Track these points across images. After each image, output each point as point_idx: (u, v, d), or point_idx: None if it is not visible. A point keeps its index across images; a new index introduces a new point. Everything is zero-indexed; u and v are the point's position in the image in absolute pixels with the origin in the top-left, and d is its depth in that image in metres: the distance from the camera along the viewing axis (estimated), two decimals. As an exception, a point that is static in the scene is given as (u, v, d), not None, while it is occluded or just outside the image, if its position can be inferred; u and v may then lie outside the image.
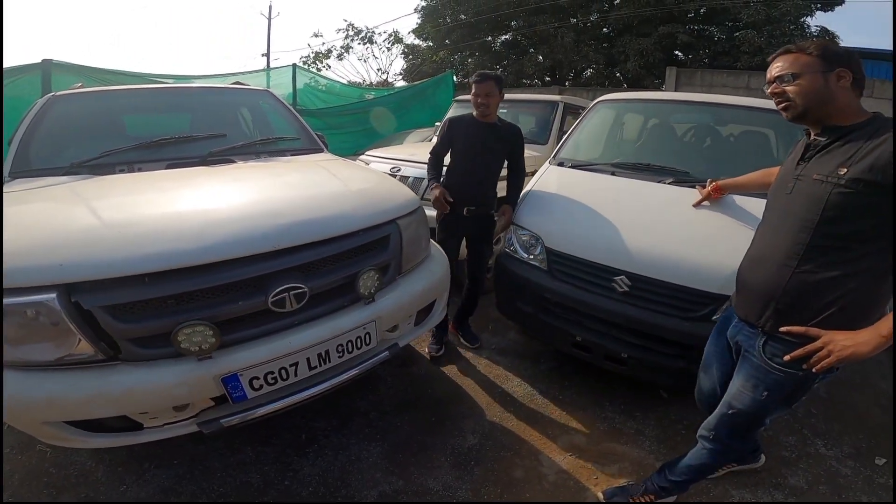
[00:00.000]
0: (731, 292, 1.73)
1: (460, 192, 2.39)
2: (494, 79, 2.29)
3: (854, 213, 1.10)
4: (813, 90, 1.17)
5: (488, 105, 2.28)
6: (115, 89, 2.71)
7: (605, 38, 14.10)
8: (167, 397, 1.33)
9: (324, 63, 16.64)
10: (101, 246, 1.28)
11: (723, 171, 2.27)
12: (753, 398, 1.29)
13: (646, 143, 3.02)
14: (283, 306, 1.43)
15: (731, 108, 2.70)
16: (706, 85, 9.44)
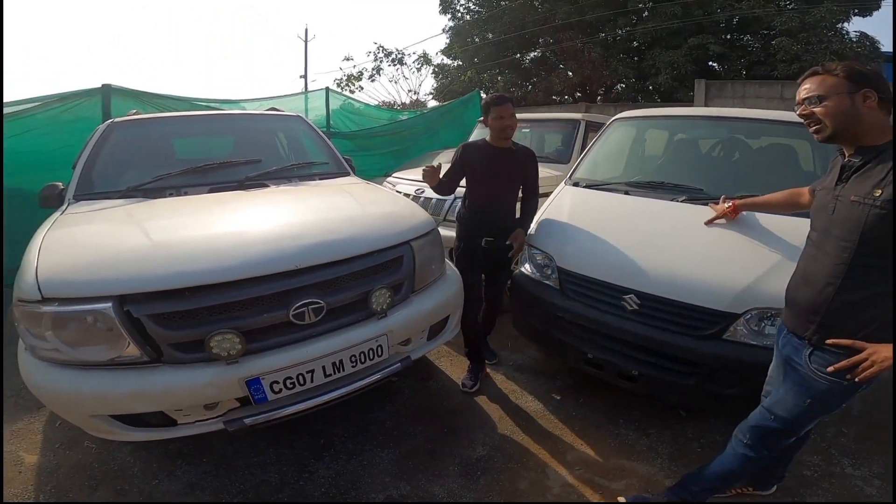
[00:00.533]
0: (740, 310, 1.79)
1: (478, 223, 2.35)
2: (511, 100, 2.29)
3: (891, 232, 1.14)
4: (840, 111, 1.21)
5: (513, 128, 2.25)
6: (167, 116, 3.04)
7: (635, 51, 14.03)
8: (199, 396, 1.51)
9: (356, 85, 17.22)
10: (150, 263, 1.50)
11: (738, 187, 2.29)
12: (796, 405, 1.34)
13: (660, 160, 3.05)
14: (302, 319, 1.59)
15: (748, 121, 2.69)
16: (738, 97, 9.23)
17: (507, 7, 14.63)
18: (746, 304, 1.78)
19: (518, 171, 2.35)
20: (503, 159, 2.31)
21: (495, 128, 2.24)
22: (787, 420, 1.37)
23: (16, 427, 2.23)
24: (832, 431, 2.17)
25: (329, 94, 6.99)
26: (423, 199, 3.37)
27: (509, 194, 2.39)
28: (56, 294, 1.40)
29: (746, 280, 1.82)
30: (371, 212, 2.04)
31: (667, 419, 2.26)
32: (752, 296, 1.78)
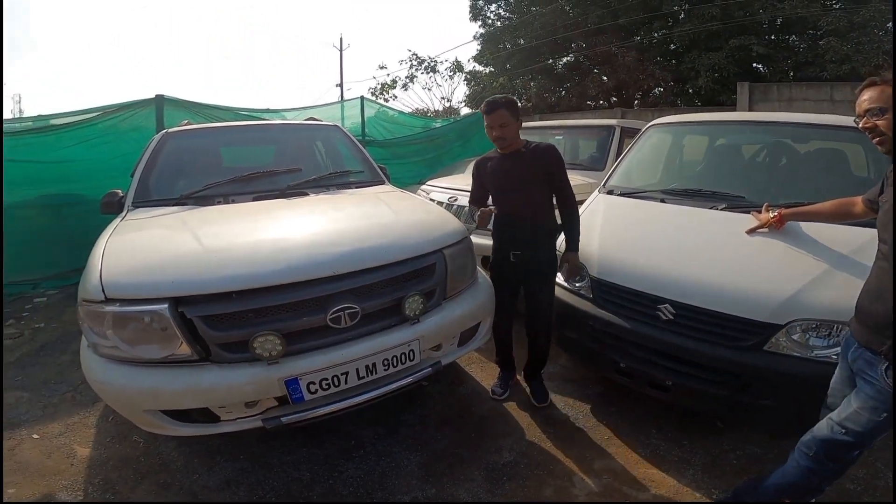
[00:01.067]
0: (783, 321, 1.74)
1: (504, 236, 2.26)
2: (506, 105, 2.08)
3: None
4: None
5: (504, 137, 2.10)
6: (215, 126, 3.24)
7: (672, 54, 13.69)
8: (242, 394, 1.59)
9: (390, 93, 17.54)
10: (202, 267, 1.60)
11: (783, 194, 2.22)
12: (871, 420, 1.31)
13: (699, 167, 2.99)
14: (339, 323, 1.66)
15: (790, 126, 2.61)
16: (784, 99, 8.82)
17: (537, 13, 14.58)
18: (789, 316, 1.73)
19: (527, 172, 2.13)
20: (510, 164, 2.17)
21: (489, 137, 2.15)
22: (860, 434, 1.33)
23: (71, 421, 2.37)
24: (878, 443, 2.07)
25: (364, 103, 7.16)
26: (456, 208, 3.42)
27: (527, 201, 2.16)
28: (118, 295, 1.52)
29: (789, 290, 1.77)
30: (405, 220, 2.11)
31: (702, 430, 2.21)
32: (796, 307, 1.73)
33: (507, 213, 2.21)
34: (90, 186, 4.27)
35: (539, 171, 2.15)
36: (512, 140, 2.13)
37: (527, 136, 4.22)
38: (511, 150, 2.16)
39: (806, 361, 1.70)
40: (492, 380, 2.66)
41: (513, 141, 2.14)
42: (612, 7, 13.22)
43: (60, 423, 2.35)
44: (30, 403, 2.51)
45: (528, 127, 5.37)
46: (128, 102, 4.68)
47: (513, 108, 2.11)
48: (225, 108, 5.39)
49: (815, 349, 1.71)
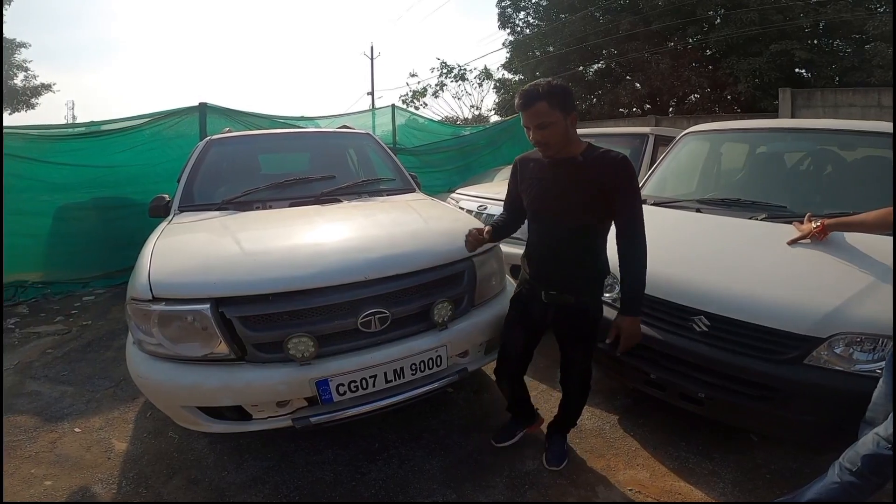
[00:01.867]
0: (825, 334, 1.69)
1: (535, 267, 1.76)
2: (548, 94, 1.48)
3: None
4: None
5: (548, 142, 1.53)
6: (254, 134, 3.39)
7: (709, 60, 13.34)
8: (274, 393, 1.65)
9: (420, 101, 17.78)
10: (241, 270, 1.68)
11: (828, 204, 2.15)
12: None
13: (738, 176, 2.91)
14: (369, 327, 1.70)
15: (836, 133, 2.52)
16: (829, 105, 8.46)
17: (567, 20, 14.49)
18: (832, 329, 1.67)
19: (577, 189, 1.58)
20: (555, 175, 1.61)
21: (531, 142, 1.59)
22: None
23: (111, 416, 2.46)
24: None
25: (395, 111, 7.29)
26: (485, 216, 3.43)
27: (572, 228, 1.63)
28: (164, 295, 1.61)
29: (832, 303, 1.71)
30: (434, 228, 2.14)
31: (735, 444, 2.14)
32: (839, 320, 1.67)
33: (542, 241, 1.73)
34: (137, 190, 4.52)
35: (596, 190, 1.56)
36: (559, 144, 1.54)
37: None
38: (561, 156, 1.60)
39: (849, 375, 1.64)
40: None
41: (561, 145, 1.55)
42: (644, 13, 13.02)
43: (101, 417, 2.45)
44: (74, 398, 2.64)
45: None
46: (173, 110, 4.92)
47: (558, 97, 1.49)
48: (263, 116, 5.61)
49: (859, 363, 1.65)
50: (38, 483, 1.96)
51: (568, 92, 1.55)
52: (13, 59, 18.59)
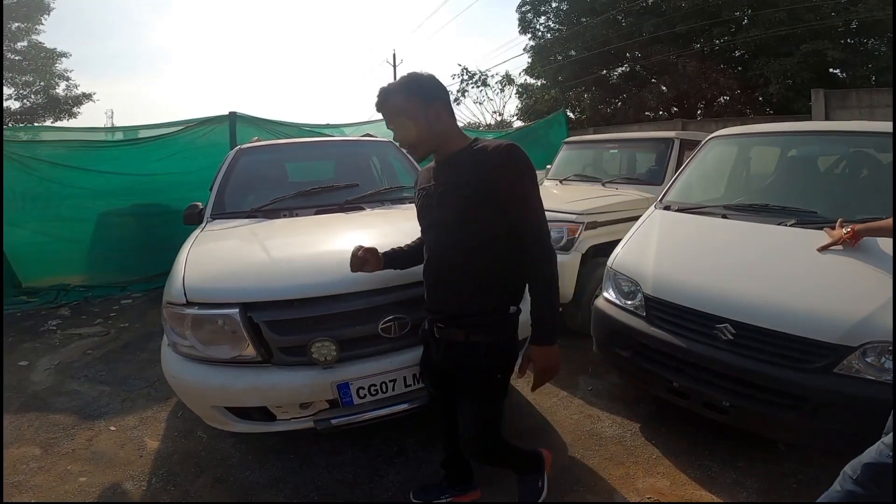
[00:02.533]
0: (856, 343, 1.65)
1: (426, 294, 1.49)
2: (403, 87, 1.31)
3: None
4: None
5: (410, 141, 1.35)
6: (281, 143, 3.51)
7: (737, 61, 13.00)
8: (298, 395, 1.71)
9: (442, 107, 17.89)
10: (269, 276, 1.75)
11: (863, 209, 2.08)
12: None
13: (767, 181, 2.84)
14: (389, 332, 1.75)
15: (867, 135, 2.43)
16: (864, 106, 8.09)
17: (588, 24, 14.36)
18: (864, 337, 1.63)
19: (454, 189, 1.33)
20: (441, 179, 1.38)
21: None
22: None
23: (145, 415, 2.57)
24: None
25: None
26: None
27: (456, 236, 1.34)
28: (197, 299, 1.69)
29: (864, 311, 1.67)
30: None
31: (761, 453, 2.09)
32: (871, 328, 1.63)
33: (429, 261, 1.45)
34: (173, 198, 4.72)
35: (474, 192, 1.29)
36: (425, 142, 1.34)
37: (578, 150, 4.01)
38: (441, 157, 1.39)
39: (881, 385, 1.60)
40: (538, 395, 2.63)
41: (430, 144, 1.35)
42: (667, 15, 12.79)
43: (136, 416, 2.56)
44: (110, 397, 2.77)
45: (580, 141, 5.31)
46: (205, 118, 5.12)
47: (414, 88, 1.30)
48: (289, 124, 5.77)
49: (891, 372, 1.60)
50: (74, 479, 2.06)
51: (426, 81, 1.33)
52: (55, 69, 19.56)
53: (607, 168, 4.81)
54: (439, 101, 1.33)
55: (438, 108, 1.32)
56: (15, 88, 19.13)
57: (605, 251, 2.70)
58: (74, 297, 4.59)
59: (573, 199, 3.50)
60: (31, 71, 18.94)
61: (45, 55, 19.21)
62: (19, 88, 19.19)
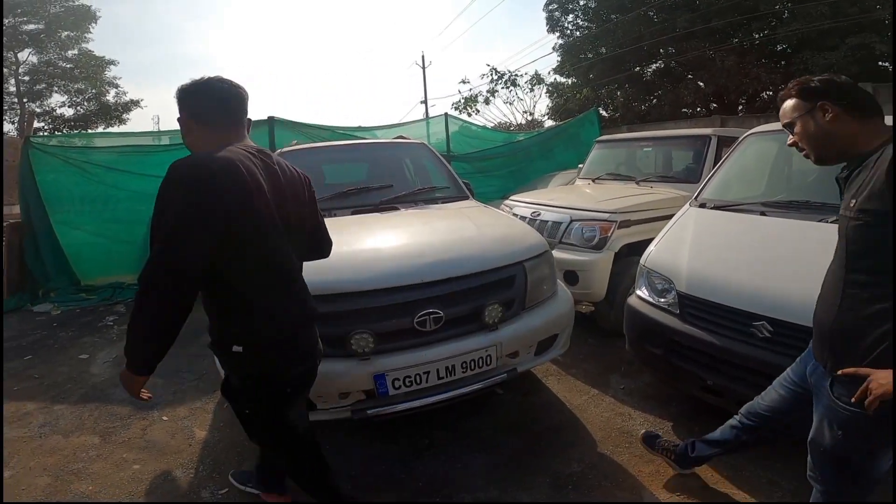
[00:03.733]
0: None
1: None
2: (179, 102, 1.31)
3: (872, 244, 1.08)
4: (809, 135, 1.21)
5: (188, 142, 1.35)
6: (318, 146, 3.66)
7: (780, 55, 12.44)
8: (337, 384, 1.80)
9: (473, 108, 17.90)
10: (312, 272, 1.78)
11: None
12: (832, 436, 1.24)
13: (811, 177, 2.74)
14: (424, 326, 1.82)
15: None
16: (916, 99, 7.61)
17: (618, 21, 14.06)
18: None
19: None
20: None
21: None
22: (832, 454, 1.25)
23: (194, 406, 2.71)
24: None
25: (448, 120, 7.46)
26: (538, 223, 3.46)
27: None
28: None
29: None
30: (487, 234, 2.24)
31: (799, 454, 2.01)
32: None
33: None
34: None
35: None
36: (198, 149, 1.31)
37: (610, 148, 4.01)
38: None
39: None
40: (568, 393, 2.65)
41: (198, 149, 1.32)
42: (702, 10, 12.38)
43: (186, 407, 2.71)
44: (163, 388, 2.92)
45: (613, 139, 5.25)
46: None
47: (182, 101, 1.31)
48: (324, 128, 5.96)
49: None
50: (129, 467, 2.19)
51: (188, 91, 1.30)
52: (104, 76, 20.64)
53: (641, 166, 4.74)
54: (199, 116, 1.31)
55: (192, 122, 1.31)
56: (68, 96, 20.32)
57: (639, 250, 2.68)
58: (129, 295, 4.87)
59: (606, 197, 3.49)
60: (82, 79, 20.04)
61: (94, 63, 20.27)
62: (72, 96, 20.35)
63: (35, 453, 2.31)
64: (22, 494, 2.04)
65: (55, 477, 2.13)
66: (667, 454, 1.94)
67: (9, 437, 2.45)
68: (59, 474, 2.15)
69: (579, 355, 3.06)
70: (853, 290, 1.14)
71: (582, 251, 3.19)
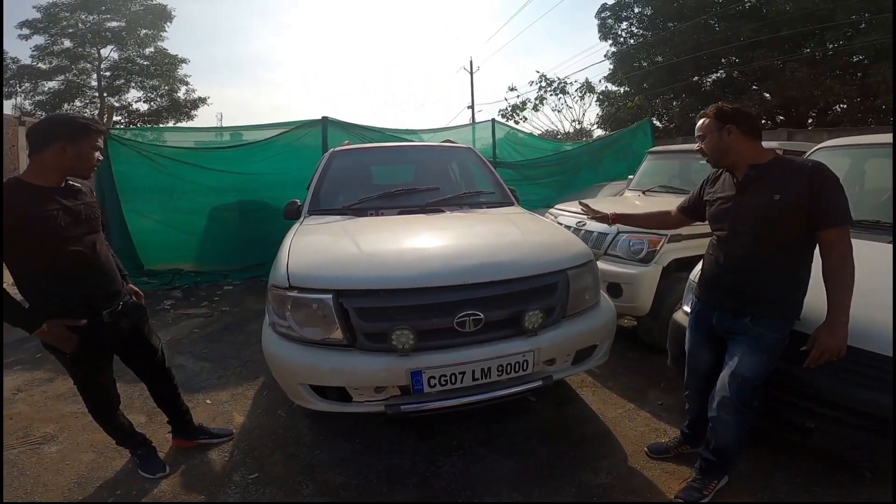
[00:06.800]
0: None
1: None
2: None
3: (783, 224, 1.64)
4: (713, 145, 1.71)
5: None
6: (368, 147, 3.78)
7: (856, 66, 11.58)
8: (375, 378, 1.85)
9: (520, 115, 17.76)
10: (359, 267, 1.93)
11: None
12: (758, 361, 1.67)
13: (884, 196, 2.55)
14: (463, 327, 1.84)
15: None
16: None
17: (676, 29, 13.54)
18: None
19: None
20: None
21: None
22: (754, 376, 1.69)
23: (236, 391, 2.82)
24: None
25: (495, 126, 7.47)
26: (583, 232, 3.41)
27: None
28: (298, 284, 1.90)
29: None
30: (531, 240, 2.24)
31: (841, 479, 1.94)
32: None
33: None
34: (270, 195, 5.21)
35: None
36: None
37: (663, 160, 3.93)
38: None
39: None
40: (603, 405, 2.60)
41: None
42: (769, 20, 11.71)
43: (228, 392, 2.84)
44: (209, 373, 3.09)
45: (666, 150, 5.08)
46: (300, 122, 5.57)
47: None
48: (374, 129, 6.12)
49: None
50: (169, 446, 2.27)
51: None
52: (176, 74, 22.06)
53: (696, 179, 4.51)
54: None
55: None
56: (144, 91, 21.91)
57: (690, 265, 2.59)
58: (186, 281, 5.21)
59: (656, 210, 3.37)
60: (157, 76, 21.54)
61: (168, 61, 21.74)
62: (147, 92, 21.94)
63: (85, 429, 2.42)
64: (66, 469, 2.13)
65: (99, 453, 2.24)
66: (678, 445, 2.14)
67: (63, 413, 2.60)
68: (103, 451, 2.24)
69: (618, 369, 3.00)
70: (765, 254, 1.64)
71: (628, 264, 3.12)
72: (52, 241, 1.60)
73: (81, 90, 21.00)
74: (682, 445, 2.13)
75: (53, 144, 1.60)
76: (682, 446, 2.13)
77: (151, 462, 2.08)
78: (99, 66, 21.08)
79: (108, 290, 1.80)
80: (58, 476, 2.09)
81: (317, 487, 2.00)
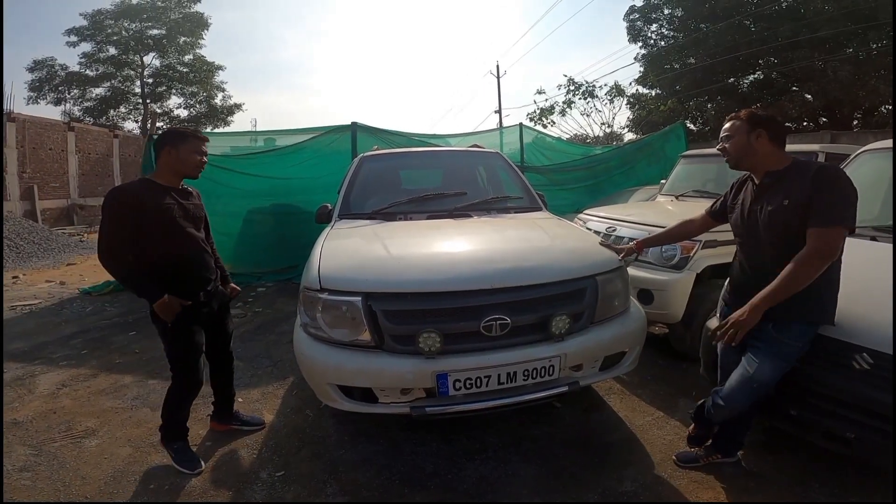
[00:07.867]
0: None
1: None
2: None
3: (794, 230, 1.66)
4: (739, 146, 1.74)
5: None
6: (396, 152, 3.83)
7: (906, 66, 10.95)
8: (401, 380, 1.87)
9: (548, 119, 17.59)
10: (388, 270, 1.97)
11: None
12: (775, 367, 1.72)
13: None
14: (490, 331, 1.85)
15: None
16: None
17: (709, 30, 13.14)
18: None
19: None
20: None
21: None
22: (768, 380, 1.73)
23: (266, 390, 2.89)
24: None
25: (522, 130, 7.44)
26: (614, 238, 3.36)
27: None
28: (329, 286, 1.95)
29: None
30: (560, 245, 2.24)
31: (881, 489, 1.85)
32: None
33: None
34: (302, 199, 5.36)
35: None
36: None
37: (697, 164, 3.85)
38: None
39: None
40: (631, 412, 2.55)
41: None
42: (808, 19, 11.23)
43: (259, 391, 2.90)
44: (242, 371, 3.13)
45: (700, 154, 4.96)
46: (331, 127, 5.71)
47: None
48: (402, 134, 6.21)
49: None
50: (202, 443, 2.33)
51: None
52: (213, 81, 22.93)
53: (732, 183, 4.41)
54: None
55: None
56: (183, 98, 22.89)
57: (725, 272, 2.52)
58: (221, 281, 5.39)
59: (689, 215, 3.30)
60: (196, 82, 22.47)
61: (206, 68, 22.65)
62: (187, 98, 22.91)
63: (124, 424, 2.52)
64: (103, 463, 2.19)
65: (136, 448, 2.30)
66: (708, 454, 2.09)
67: (103, 408, 2.70)
68: (140, 446, 2.31)
69: (647, 376, 2.94)
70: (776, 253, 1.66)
71: (660, 270, 3.05)
72: (170, 228, 2.00)
73: (126, 96, 22.13)
74: (713, 454, 2.08)
75: (163, 150, 2.03)
76: (713, 455, 2.08)
77: (188, 455, 2.16)
78: (142, 73, 22.14)
79: (204, 276, 2.16)
80: (96, 469, 2.16)
81: (339, 486, 2.03)
